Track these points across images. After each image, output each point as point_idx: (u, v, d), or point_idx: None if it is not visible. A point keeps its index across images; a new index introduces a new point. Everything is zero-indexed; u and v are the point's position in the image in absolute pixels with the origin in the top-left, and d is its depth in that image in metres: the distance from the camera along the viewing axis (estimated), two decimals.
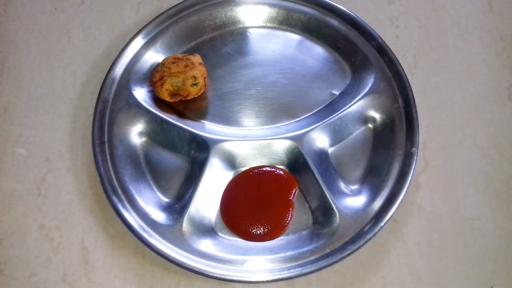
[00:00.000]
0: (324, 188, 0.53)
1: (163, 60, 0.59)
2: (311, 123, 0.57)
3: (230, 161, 0.57)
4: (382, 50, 0.61)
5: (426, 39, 0.66)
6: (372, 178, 0.56)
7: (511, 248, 0.54)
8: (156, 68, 0.59)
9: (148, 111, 0.58)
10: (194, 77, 0.57)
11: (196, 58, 0.59)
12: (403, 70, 0.60)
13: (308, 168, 0.55)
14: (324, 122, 0.57)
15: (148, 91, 0.60)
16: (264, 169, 0.57)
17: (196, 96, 0.59)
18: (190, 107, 0.60)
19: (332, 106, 0.60)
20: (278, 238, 0.54)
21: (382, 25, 0.66)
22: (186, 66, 0.58)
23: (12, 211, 0.57)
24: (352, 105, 0.58)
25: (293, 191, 0.56)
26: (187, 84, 0.57)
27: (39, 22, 0.68)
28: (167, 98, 0.58)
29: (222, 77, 0.62)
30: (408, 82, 0.59)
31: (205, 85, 0.60)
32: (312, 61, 0.64)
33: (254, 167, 0.58)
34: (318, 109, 0.60)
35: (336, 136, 0.59)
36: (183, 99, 0.59)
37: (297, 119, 0.60)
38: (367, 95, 0.59)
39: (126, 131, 0.58)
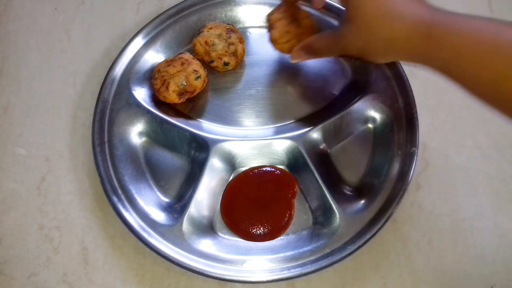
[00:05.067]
0: (324, 188, 0.53)
1: (156, 68, 0.59)
2: (311, 123, 0.57)
3: (230, 161, 0.57)
4: None
5: None
6: (372, 178, 0.56)
7: (511, 248, 0.54)
8: (153, 77, 0.59)
9: (148, 111, 0.58)
10: (195, 70, 0.58)
11: (188, 55, 0.59)
12: (403, 70, 0.60)
13: (308, 168, 0.55)
14: (324, 122, 0.57)
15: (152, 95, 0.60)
16: (264, 169, 0.57)
17: (202, 89, 0.60)
18: (190, 107, 0.60)
19: (332, 106, 0.60)
20: (278, 238, 0.54)
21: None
22: (182, 64, 0.58)
23: (12, 211, 0.57)
24: (352, 105, 0.58)
25: (293, 191, 0.56)
26: (191, 79, 0.57)
27: (39, 22, 0.68)
28: (176, 100, 0.58)
29: (222, 77, 0.62)
30: (408, 82, 0.59)
31: (207, 76, 0.60)
32: (312, 61, 0.63)
33: (254, 167, 0.58)
34: (318, 109, 0.60)
35: (336, 136, 0.59)
36: (190, 96, 0.59)
37: (297, 119, 0.60)
38: (367, 95, 0.59)
39: (126, 131, 0.58)
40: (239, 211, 0.55)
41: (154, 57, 0.62)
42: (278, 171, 0.57)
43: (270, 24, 0.57)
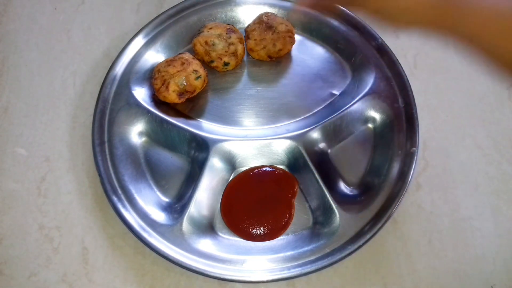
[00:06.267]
0: (324, 188, 0.54)
1: (156, 67, 0.59)
2: (311, 123, 0.57)
3: (230, 161, 0.57)
4: (382, 50, 0.61)
5: (426, 39, 0.66)
6: (372, 178, 0.56)
7: (511, 248, 0.54)
8: (153, 77, 0.59)
9: (148, 111, 0.58)
10: (195, 70, 0.58)
11: (188, 55, 0.59)
12: (403, 70, 0.60)
13: (308, 168, 0.55)
14: (324, 122, 0.57)
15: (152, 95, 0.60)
16: (264, 169, 0.57)
17: (202, 89, 0.60)
18: (190, 107, 0.60)
19: (332, 106, 0.60)
20: (278, 238, 0.54)
21: (382, 25, 0.66)
22: (182, 64, 0.58)
23: (12, 211, 0.57)
24: (352, 105, 0.58)
25: (293, 191, 0.56)
26: (191, 79, 0.58)
27: (39, 22, 0.68)
28: (176, 100, 0.58)
29: (222, 77, 0.62)
30: (408, 82, 0.59)
31: (207, 76, 0.60)
32: (312, 61, 0.64)
33: (254, 167, 0.58)
34: (318, 109, 0.60)
35: (336, 136, 0.59)
36: (190, 96, 0.59)
37: (297, 119, 0.60)
38: (367, 95, 0.59)
39: (126, 131, 0.58)
40: (239, 211, 0.55)
41: (154, 57, 0.62)
42: (278, 171, 0.57)
43: (246, 36, 0.62)
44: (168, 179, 0.57)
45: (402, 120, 0.58)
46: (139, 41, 0.62)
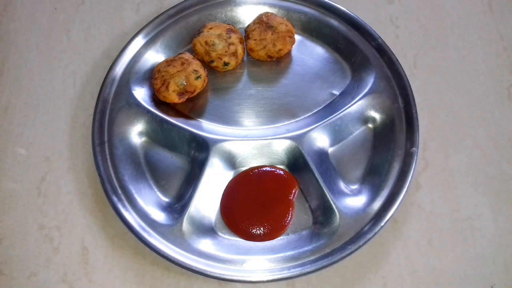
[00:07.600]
0: (324, 188, 0.54)
1: (156, 68, 0.59)
2: (311, 123, 0.57)
3: (230, 161, 0.57)
4: (382, 50, 0.61)
5: (426, 39, 0.66)
6: (372, 178, 0.56)
7: (511, 248, 0.54)
8: (153, 77, 0.59)
9: (148, 111, 0.58)
10: (195, 70, 0.58)
11: (188, 55, 0.59)
12: (403, 70, 0.60)
13: (308, 168, 0.55)
14: (324, 122, 0.57)
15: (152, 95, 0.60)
16: (264, 169, 0.57)
17: (202, 89, 0.60)
18: (190, 107, 0.61)
19: (332, 106, 0.60)
20: (278, 238, 0.54)
21: (382, 25, 0.66)
22: (182, 64, 0.58)
23: (12, 211, 0.57)
24: (352, 105, 0.58)
25: (293, 191, 0.56)
26: (191, 79, 0.58)
27: (39, 22, 0.68)
28: (176, 100, 0.58)
29: (222, 77, 0.62)
30: (408, 82, 0.59)
31: (207, 76, 0.60)
32: (312, 61, 0.64)
33: (254, 167, 0.58)
34: (318, 109, 0.60)
35: (336, 136, 0.59)
36: (190, 96, 0.59)
37: (297, 119, 0.60)
38: (367, 95, 0.59)
39: (126, 131, 0.58)
40: (239, 211, 0.55)
41: (154, 57, 0.62)
42: (278, 171, 0.57)
43: (246, 36, 0.62)
44: (168, 179, 0.57)
45: (402, 120, 0.58)
46: (139, 41, 0.62)
